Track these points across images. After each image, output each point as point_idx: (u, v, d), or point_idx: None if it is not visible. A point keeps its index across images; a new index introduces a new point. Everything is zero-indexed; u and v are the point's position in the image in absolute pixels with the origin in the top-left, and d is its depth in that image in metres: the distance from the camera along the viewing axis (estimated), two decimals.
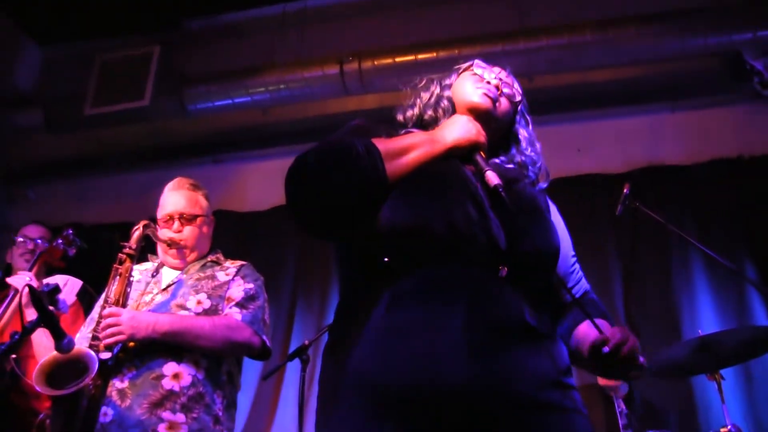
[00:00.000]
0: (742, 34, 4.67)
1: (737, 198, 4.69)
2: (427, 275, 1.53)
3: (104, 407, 2.44)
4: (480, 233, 1.57)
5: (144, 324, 2.53)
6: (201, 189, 3.09)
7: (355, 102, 5.64)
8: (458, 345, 1.42)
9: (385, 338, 1.47)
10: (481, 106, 1.85)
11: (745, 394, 4.14)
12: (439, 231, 1.55)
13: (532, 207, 1.76)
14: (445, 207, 1.60)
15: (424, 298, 1.50)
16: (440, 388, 1.39)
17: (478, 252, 1.55)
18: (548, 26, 4.99)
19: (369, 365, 1.46)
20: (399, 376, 1.42)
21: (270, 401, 4.96)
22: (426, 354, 1.43)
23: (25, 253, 3.71)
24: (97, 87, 5.42)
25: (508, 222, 1.61)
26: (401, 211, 1.57)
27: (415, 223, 1.55)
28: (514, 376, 1.44)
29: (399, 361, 1.43)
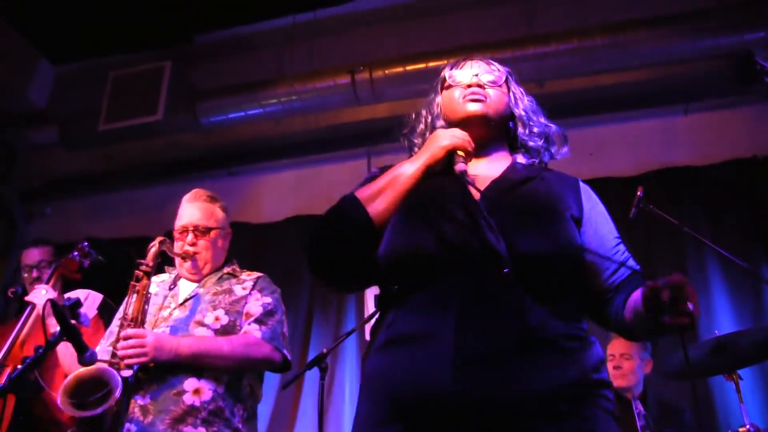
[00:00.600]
0: (755, 33, 4.65)
1: (752, 198, 4.67)
2: (426, 291, 1.58)
3: (127, 424, 2.48)
4: (472, 240, 1.58)
5: (167, 347, 2.56)
6: (218, 201, 3.11)
7: (368, 111, 5.65)
8: (446, 355, 1.45)
9: (387, 350, 1.60)
10: (474, 113, 1.86)
11: (764, 394, 4.12)
12: (430, 249, 1.60)
13: (539, 207, 1.70)
14: (433, 224, 1.63)
15: (420, 312, 1.57)
16: (429, 398, 1.44)
17: (472, 259, 1.56)
18: (558, 31, 4.99)
19: (377, 374, 1.60)
20: (396, 385, 1.52)
21: (290, 410, 4.97)
22: (416, 364, 1.50)
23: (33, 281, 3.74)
24: (110, 103, 5.46)
25: (506, 223, 1.61)
26: (393, 242, 1.67)
27: (406, 249, 1.64)
28: (505, 386, 1.42)
29: (396, 371, 1.54)
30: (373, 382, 1.59)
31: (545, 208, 1.71)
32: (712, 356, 3.42)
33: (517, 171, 1.82)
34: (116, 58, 5.92)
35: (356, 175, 5.60)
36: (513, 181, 1.76)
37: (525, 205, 1.69)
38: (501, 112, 1.90)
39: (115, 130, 5.44)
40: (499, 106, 1.90)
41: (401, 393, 1.49)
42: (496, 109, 1.89)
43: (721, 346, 3.36)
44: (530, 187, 1.76)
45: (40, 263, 3.75)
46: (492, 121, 1.88)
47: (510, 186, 1.74)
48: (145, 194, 6.34)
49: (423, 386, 1.45)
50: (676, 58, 4.92)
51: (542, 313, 1.52)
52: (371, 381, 1.60)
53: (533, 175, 1.80)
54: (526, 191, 1.75)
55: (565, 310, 1.59)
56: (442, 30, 5.63)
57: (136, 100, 5.42)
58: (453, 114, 1.91)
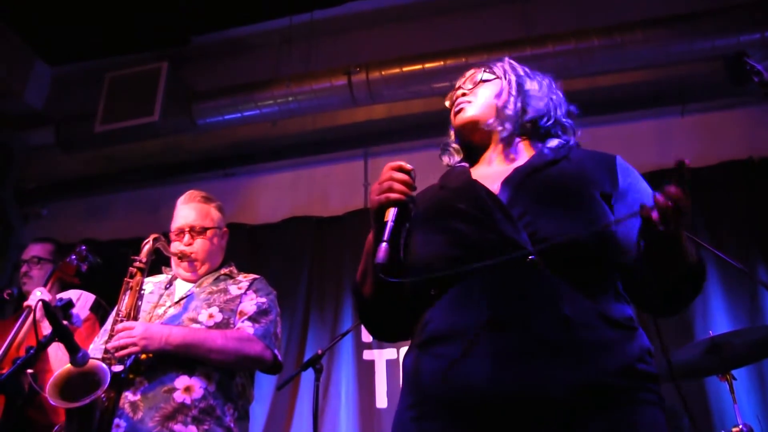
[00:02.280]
0: (750, 35, 4.66)
1: (748, 200, 4.67)
2: (455, 290, 1.58)
3: (117, 419, 2.47)
4: (488, 234, 1.57)
5: (157, 336, 2.56)
6: (213, 201, 3.12)
7: (364, 112, 5.66)
8: (483, 351, 1.45)
9: (424, 349, 1.59)
10: (459, 121, 1.91)
11: (758, 394, 4.12)
12: (447, 252, 1.60)
13: (565, 189, 1.66)
14: (446, 227, 1.64)
15: (453, 311, 1.56)
16: (469, 394, 1.43)
17: (492, 252, 1.52)
18: (555, 33, 4.99)
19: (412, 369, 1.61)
20: (431, 380, 1.52)
21: (286, 411, 4.96)
22: (452, 359, 1.49)
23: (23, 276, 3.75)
24: (106, 104, 5.46)
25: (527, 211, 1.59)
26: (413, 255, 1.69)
27: (426, 258, 1.64)
28: (543, 379, 1.39)
29: (432, 366, 1.53)
30: (411, 380, 1.60)
31: (572, 189, 1.66)
32: (706, 356, 3.42)
33: (543, 156, 1.79)
34: (113, 60, 5.93)
35: (353, 176, 5.70)
36: (537, 167, 1.74)
37: (549, 189, 1.66)
38: (491, 109, 1.88)
39: (112, 132, 5.43)
40: (488, 104, 1.88)
41: (442, 390, 1.48)
42: (486, 107, 1.88)
43: (715, 346, 3.37)
44: (557, 169, 1.73)
45: (32, 259, 3.75)
46: (482, 121, 1.87)
47: (533, 171, 1.72)
48: (142, 195, 6.34)
49: (463, 383, 1.44)
50: (673, 60, 4.93)
51: (578, 300, 1.48)
52: (410, 379, 1.61)
53: (560, 157, 1.77)
54: (551, 174, 1.71)
55: (604, 295, 1.55)
56: (439, 31, 5.64)
57: (133, 101, 5.42)
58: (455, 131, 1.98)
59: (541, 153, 1.81)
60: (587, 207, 1.62)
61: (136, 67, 5.59)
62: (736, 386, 3.47)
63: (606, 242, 1.58)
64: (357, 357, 5.01)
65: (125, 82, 5.54)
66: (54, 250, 3.85)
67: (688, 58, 4.90)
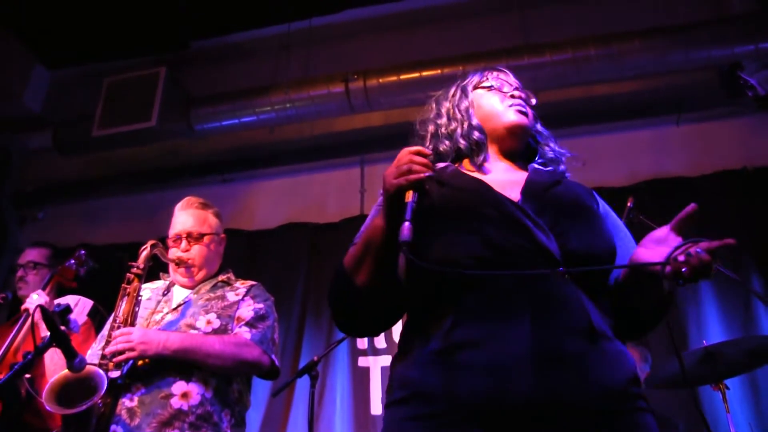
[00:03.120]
0: (744, 46, 4.69)
1: (742, 209, 4.70)
2: (486, 293, 1.54)
3: (113, 425, 2.47)
4: (522, 241, 1.56)
5: (155, 341, 2.56)
6: (210, 207, 3.12)
7: (362, 120, 5.68)
8: (523, 357, 1.43)
9: (450, 354, 1.51)
10: (521, 124, 1.87)
11: (751, 404, 4.13)
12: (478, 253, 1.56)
13: (577, 206, 1.72)
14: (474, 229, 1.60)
15: (487, 315, 1.52)
16: (506, 401, 1.41)
17: (527, 260, 1.53)
18: (552, 42, 5.02)
19: (434, 378, 1.51)
20: (464, 390, 1.45)
21: (280, 418, 4.96)
22: (491, 367, 1.45)
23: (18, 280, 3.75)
24: (104, 108, 5.47)
25: (556, 223, 1.60)
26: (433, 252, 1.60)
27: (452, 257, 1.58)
28: (580, 387, 1.41)
29: (465, 374, 1.47)
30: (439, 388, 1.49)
31: (582, 207, 1.73)
32: (700, 366, 3.44)
33: (541, 174, 1.82)
34: (111, 64, 5.95)
35: (350, 182, 5.70)
36: (546, 183, 1.76)
37: (565, 205, 1.69)
38: (533, 129, 1.94)
39: (109, 136, 5.45)
40: (534, 124, 1.94)
41: (479, 397, 1.43)
42: (533, 125, 1.93)
43: (709, 356, 3.38)
44: (560, 188, 1.77)
45: (28, 264, 3.75)
46: (528, 136, 1.92)
47: (544, 188, 1.74)
48: (139, 200, 6.34)
49: (503, 389, 1.42)
50: (669, 70, 4.97)
51: (596, 311, 1.53)
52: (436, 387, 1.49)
53: (557, 179, 1.81)
54: (559, 192, 1.75)
55: (608, 309, 1.62)
56: (437, 39, 5.66)
57: (131, 106, 5.43)
58: (493, 119, 1.90)
59: (537, 171, 1.83)
60: (602, 225, 1.71)
61: (134, 71, 5.61)
62: (729, 396, 3.49)
63: (612, 260, 1.65)
64: (352, 364, 5.02)
65: (123, 86, 5.55)
66: (50, 255, 3.85)
67: (684, 68, 4.93)
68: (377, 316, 1.75)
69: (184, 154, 6.08)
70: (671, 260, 1.39)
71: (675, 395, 4.20)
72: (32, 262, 3.76)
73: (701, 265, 1.36)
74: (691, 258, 1.36)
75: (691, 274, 1.37)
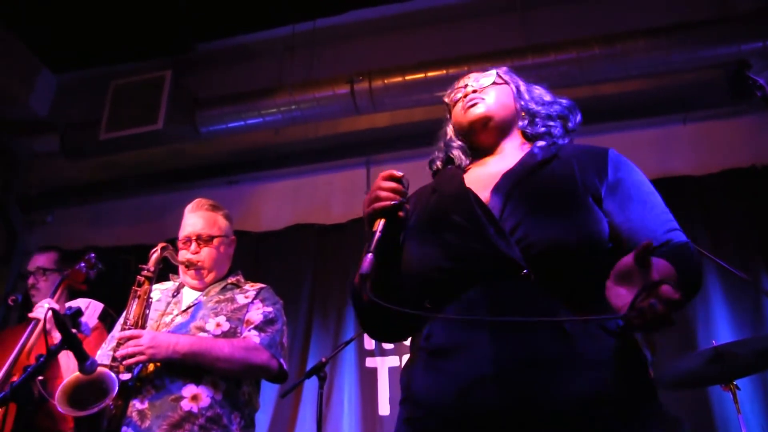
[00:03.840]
0: (751, 44, 4.68)
1: (751, 208, 4.67)
2: (452, 303, 1.56)
3: (124, 427, 2.49)
4: (482, 247, 1.56)
5: (164, 345, 2.57)
6: (220, 209, 3.13)
7: (367, 121, 5.68)
8: (485, 366, 1.44)
9: (430, 361, 1.57)
10: (474, 117, 1.90)
11: (763, 404, 4.11)
12: (439, 264, 1.60)
13: (556, 193, 1.65)
14: (438, 238, 1.64)
15: (454, 326, 1.55)
16: (471, 408, 1.43)
17: (488, 266, 1.54)
18: (556, 41, 5.01)
19: (418, 383, 1.59)
20: (437, 395, 1.50)
21: (288, 419, 4.96)
22: (458, 375, 1.48)
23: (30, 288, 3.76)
24: (110, 112, 5.49)
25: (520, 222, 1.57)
26: (406, 263, 1.69)
27: (418, 268, 1.65)
28: (547, 393, 1.39)
29: (438, 381, 1.52)
30: (413, 393, 1.58)
31: (562, 194, 1.65)
32: (709, 366, 3.42)
33: (533, 156, 1.80)
34: (117, 67, 5.95)
35: (355, 184, 5.71)
36: (527, 170, 1.73)
37: (540, 196, 1.64)
38: (505, 107, 1.93)
39: (116, 139, 5.46)
40: (501, 101, 1.93)
41: (446, 406, 1.47)
42: (498, 106, 1.91)
43: (718, 356, 3.37)
44: (546, 171, 1.73)
45: (37, 270, 3.76)
46: (496, 118, 1.90)
47: (523, 176, 1.71)
48: (146, 203, 6.35)
49: (466, 398, 1.43)
50: (675, 68, 4.95)
51: (574, 312, 1.47)
52: (412, 392, 1.59)
53: (549, 157, 1.77)
54: (540, 179, 1.71)
55: (600, 305, 1.43)
56: (441, 40, 5.66)
57: (137, 109, 5.44)
58: (460, 127, 1.95)
59: (532, 153, 1.82)
60: (580, 215, 1.60)
61: (140, 75, 5.62)
62: (740, 396, 3.47)
63: (601, 253, 1.57)
64: (360, 364, 5.02)
65: (129, 90, 5.57)
66: (58, 259, 3.85)
67: (690, 67, 4.91)
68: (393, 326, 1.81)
69: (190, 157, 6.09)
70: (628, 311, 1.26)
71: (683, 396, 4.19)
72: (42, 269, 3.77)
73: (654, 318, 1.21)
74: (645, 311, 1.22)
75: (644, 326, 1.24)
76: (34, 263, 3.82)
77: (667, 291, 1.22)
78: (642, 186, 1.74)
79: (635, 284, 1.27)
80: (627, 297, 1.27)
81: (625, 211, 1.66)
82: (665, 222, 1.67)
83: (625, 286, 1.29)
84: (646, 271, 1.27)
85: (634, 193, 1.70)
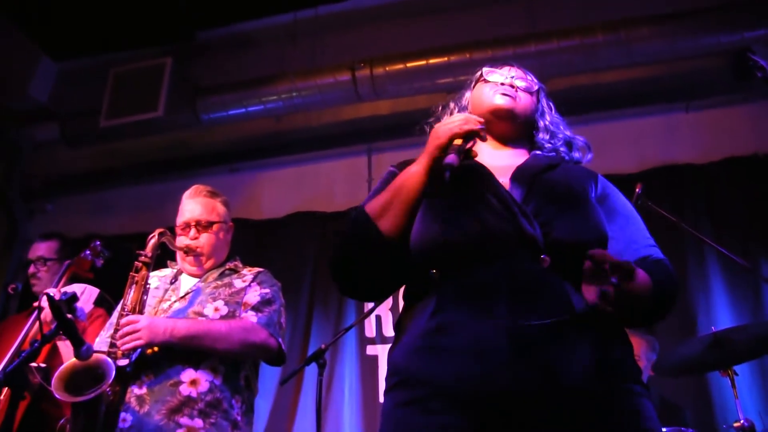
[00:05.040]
0: (755, 31, 4.65)
1: (752, 196, 4.67)
2: (468, 279, 1.57)
3: (123, 413, 2.49)
4: (508, 227, 1.59)
5: (161, 329, 2.57)
6: (219, 196, 3.12)
7: (369, 108, 5.65)
8: (501, 341, 1.46)
9: (431, 339, 1.56)
10: (502, 106, 1.90)
11: (760, 390, 4.13)
12: (474, 237, 1.60)
13: (568, 193, 1.73)
14: (474, 212, 1.64)
15: (467, 300, 1.55)
16: (485, 384, 1.44)
17: (511, 246, 1.57)
18: (559, 29, 4.98)
19: (417, 363, 1.56)
20: (444, 374, 1.49)
21: (289, 406, 4.98)
22: (470, 351, 1.48)
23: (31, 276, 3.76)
24: (111, 99, 5.47)
25: (541, 210, 1.63)
26: (431, 229, 1.66)
27: (449, 236, 1.62)
28: (559, 370, 1.43)
29: (445, 358, 1.51)
30: (421, 372, 1.54)
31: (573, 193, 1.74)
32: (708, 352, 3.43)
33: (539, 159, 1.86)
34: (118, 55, 5.93)
35: (357, 171, 5.70)
36: (538, 168, 1.79)
37: (555, 191, 1.71)
38: (527, 116, 1.95)
39: (117, 127, 5.45)
40: (527, 109, 1.95)
41: (461, 384, 1.46)
42: (524, 109, 1.93)
43: (717, 342, 3.38)
44: (555, 173, 1.79)
45: (38, 260, 3.75)
46: (517, 119, 1.92)
47: (536, 172, 1.76)
48: (147, 191, 6.34)
49: (482, 378, 1.44)
50: (678, 56, 4.91)
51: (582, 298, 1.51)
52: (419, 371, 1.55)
53: (555, 163, 1.84)
54: (552, 177, 1.77)
55: None
56: (443, 27, 5.63)
57: (137, 96, 5.43)
58: (480, 106, 1.94)
59: (535, 157, 1.88)
60: (591, 212, 1.70)
61: (140, 62, 5.60)
62: (738, 382, 3.49)
63: (605, 248, 1.67)
64: (360, 352, 5.03)
65: (130, 77, 5.55)
66: (59, 248, 3.84)
67: (693, 54, 4.89)
68: (383, 273, 1.75)
69: (191, 145, 6.07)
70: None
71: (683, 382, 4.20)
72: (42, 258, 3.76)
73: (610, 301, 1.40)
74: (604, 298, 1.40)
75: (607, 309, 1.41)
76: (34, 252, 3.81)
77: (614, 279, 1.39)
78: (626, 205, 1.86)
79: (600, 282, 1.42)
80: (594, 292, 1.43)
81: (609, 222, 1.75)
82: (646, 238, 1.80)
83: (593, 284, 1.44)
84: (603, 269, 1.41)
85: (620, 209, 1.82)
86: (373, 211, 1.71)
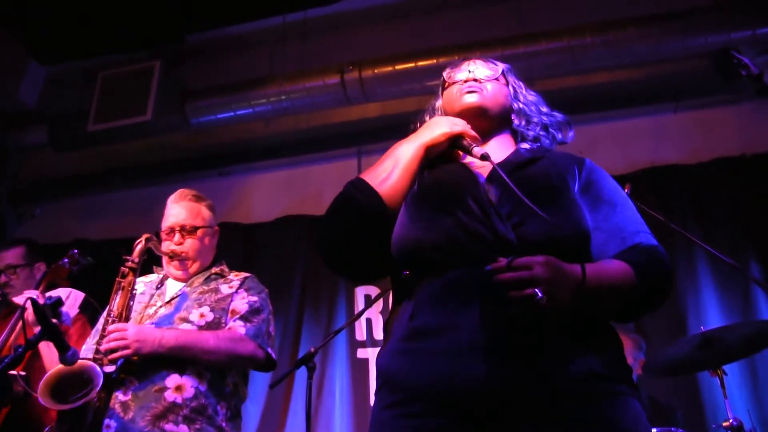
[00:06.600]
0: (742, 32, 4.68)
1: (740, 196, 4.69)
2: (442, 281, 1.57)
3: (107, 419, 2.47)
4: (484, 230, 1.58)
5: (150, 339, 2.56)
6: (204, 200, 3.11)
7: (358, 111, 5.66)
8: (474, 345, 1.45)
9: (410, 342, 1.57)
10: (471, 104, 1.89)
11: (749, 389, 4.14)
12: (453, 238, 1.59)
13: (547, 188, 1.70)
14: (451, 213, 1.63)
15: (440, 304, 1.55)
16: (459, 387, 1.43)
17: (486, 249, 1.55)
18: (548, 30, 5.00)
19: (396, 366, 1.57)
20: (422, 377, 1.49)
21: (280, 409, 4.97)
22: (445, 355, 1.48)
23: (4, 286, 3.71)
24: (99, 103, 5.47)
25: (515, 210, 1.61)
26: (408, 229, 1.66)
27: (425, 237, 1.62)
28: (533, 373, 1.42)
29: (422, 361, 1.51)
30: (400, 375, 1.55)
31: (552, 189, 1.71)
32: (697, 352, 3.43)
33: (520, 154, 1.84)
34: (106, 59, 5.91)
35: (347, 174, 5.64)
36: (517, 164, 1.78)
37: (531, 189, 1.64)
38: (500, 105, 1.93)
39: (105, 131, 5.44)
40: (498, 99, 1.93)
41: (437, 386, 1.46)
42: (494, 101, 1.92)
43: (706, 342, 3.38)
44: (535, 168, 1.79)
45: (7, 269, 3.70)
46: (490, 112, 1.90)
47: (515, 169, 1.75)
48: (135, 195, 6.31)
49: (457, 379, 1.44)
50: (666, 57, 4.94)
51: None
52: (398, 374, 1.55)
53: (537, 156, 1.83)
54: (531, 173, 1.76)
55: None
56: (432, 29, 5.63)
57: (126, 100, 5.42)
58: (452, 109, 1.94)
59: (518, 152, 1.86)
60: (570, 209, 1.67)
61: (128, 66, 5.59)
62: (727, 381, 3.49)
63: (583, 244, 1.64)
64: (351, 355, 5.02)
65: (118, 80, 5.55)
66: (26, 252, 3.79)
67: (681, 55, 4.91)
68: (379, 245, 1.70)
69: (180, 148, 6.06)
70: None
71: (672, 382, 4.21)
72: (10, 266, 3.71)
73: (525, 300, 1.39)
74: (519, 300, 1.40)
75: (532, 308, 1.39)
76: (2, 262, 3.76)
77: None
78: (615, 191, 1.80)
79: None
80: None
81: (593, 211, 1.71)
82: (635, 224, 1.73)
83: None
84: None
85: (605, 196, 1.76)
86: (372, 179, 1.73)
